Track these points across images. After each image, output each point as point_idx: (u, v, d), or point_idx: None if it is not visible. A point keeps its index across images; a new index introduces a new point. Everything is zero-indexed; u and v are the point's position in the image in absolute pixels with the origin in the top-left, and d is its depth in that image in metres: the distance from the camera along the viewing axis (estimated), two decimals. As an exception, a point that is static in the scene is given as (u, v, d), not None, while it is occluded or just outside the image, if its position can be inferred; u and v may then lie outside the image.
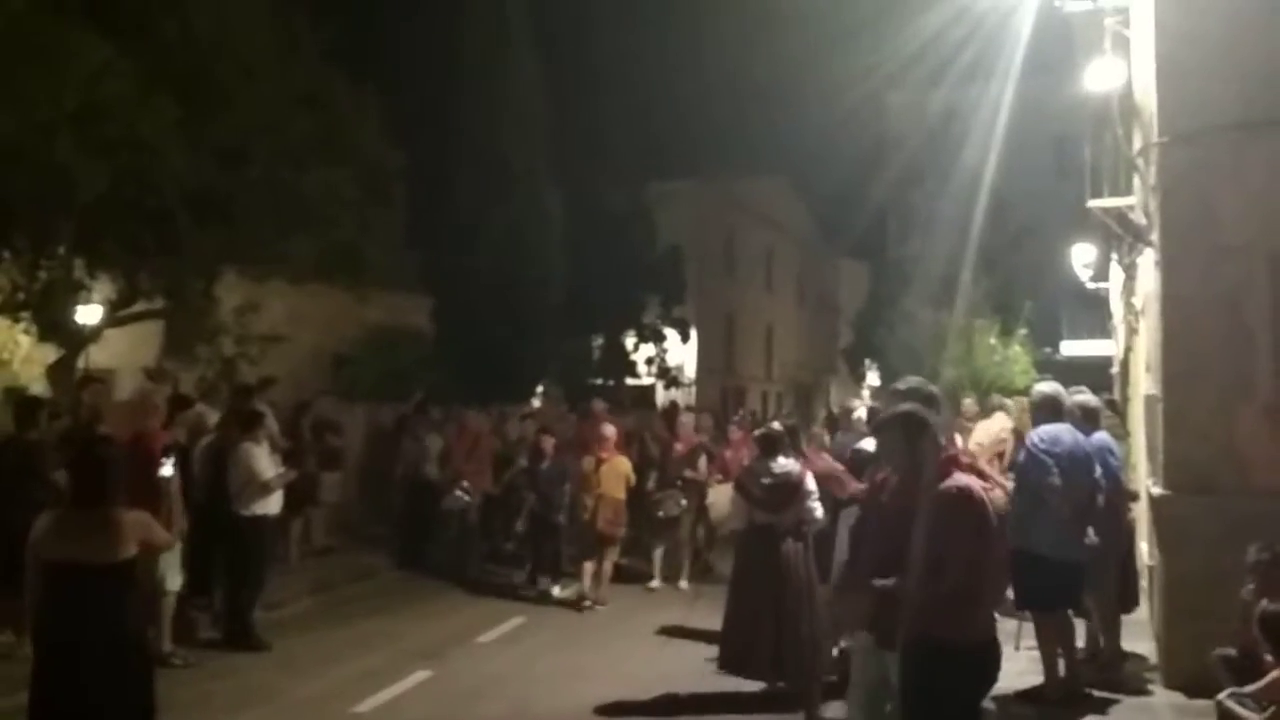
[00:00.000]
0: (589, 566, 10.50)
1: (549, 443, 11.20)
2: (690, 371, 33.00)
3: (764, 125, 40.83)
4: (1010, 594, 6.77)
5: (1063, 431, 6.87)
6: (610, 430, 10.85)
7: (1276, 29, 6.90)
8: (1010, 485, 6.98)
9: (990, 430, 9.84)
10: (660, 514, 11.45)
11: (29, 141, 10.40)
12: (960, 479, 4.28)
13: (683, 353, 31.54)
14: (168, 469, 5.46)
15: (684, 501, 11.39)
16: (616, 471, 10.58)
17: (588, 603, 10.38)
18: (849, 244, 41.94)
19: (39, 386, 13.04)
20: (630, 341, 28.82)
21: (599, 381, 26.49)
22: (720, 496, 9.90)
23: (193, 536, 7.89)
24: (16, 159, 10.59)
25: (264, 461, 8.63)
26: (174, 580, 7.92)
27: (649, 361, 29.61)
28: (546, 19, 23.57)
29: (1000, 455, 9.57)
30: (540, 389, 22.74)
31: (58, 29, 10.39)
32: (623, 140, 26.52)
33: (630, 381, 28.75)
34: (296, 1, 13.80)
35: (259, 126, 12.60)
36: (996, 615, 4.69)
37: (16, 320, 12.95)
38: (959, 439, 9.45)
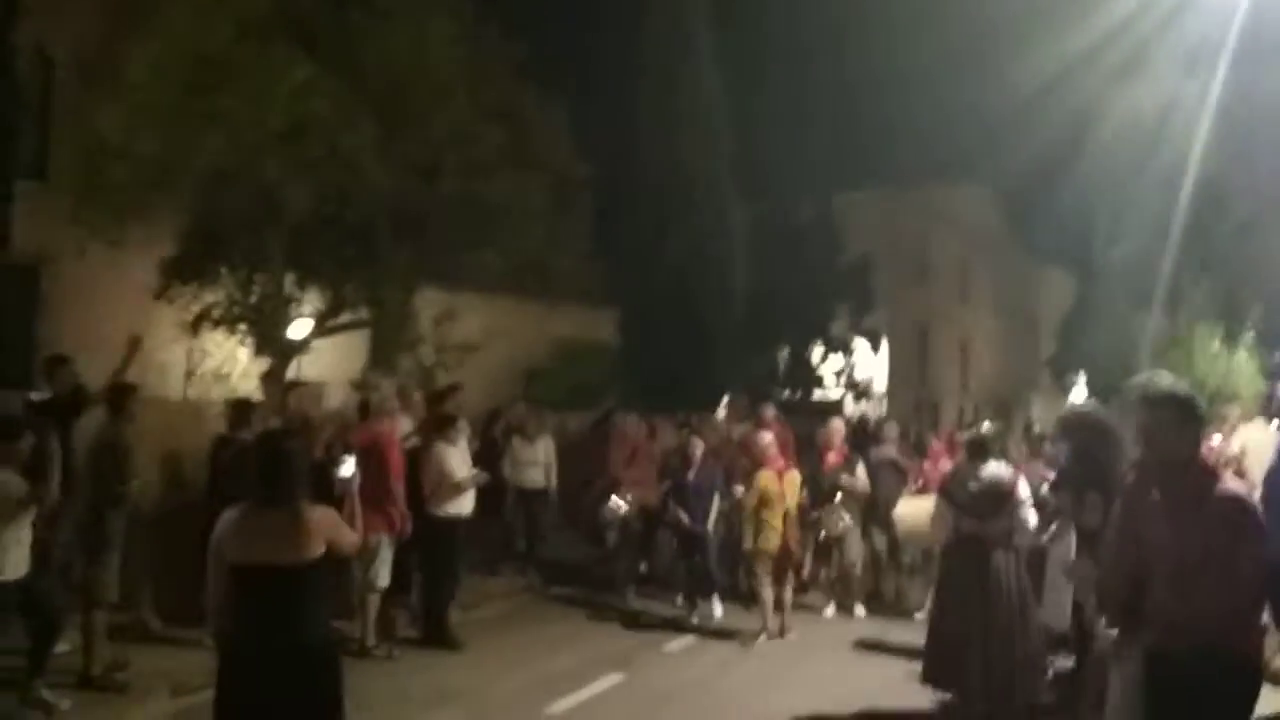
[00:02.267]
0: (767, 595, 9.17)
1: (697, 449, 10.14)
2: (881, 384, 32.09)
3: (958, 129, 39.44)
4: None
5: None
6: (768, 438, 9.54)
7: None
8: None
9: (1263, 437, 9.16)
10: (824, 533, 10.29)
11: (240, 162, 10.98)
12: (1232, 484, 3.86)
13: (874, 364, 30.70)
14: (348, 468, 5.32)
15: (848, 517, 10.15)
16: (794, 484, 9.38)
17: (765, 637, 9.12)
18: (1051, 251, 39.94)
19: (256, 397, 13.80)
20: (818, 353, 28.25)
21: (785, 393, 26.08)
22: (912, 510, 9.28)
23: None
24: (230, 179, 11.23)
25: (456, 462, 8.76)
26: (383, 577, 8.16)
27: (838, 374, 28.94)
28: (733, 29, 23.52)
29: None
30: (726, 399, 22.53)
31: (263, 52, 10.94)
32: (811, 149, 26.12)
33: (818, 394, 28.18)
34: (488, 19, 14.12)
35: (451, 141, 12.94)
36: None
37: (234, 333, 13.74)
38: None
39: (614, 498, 10.77)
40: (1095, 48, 20.14)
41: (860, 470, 10.44)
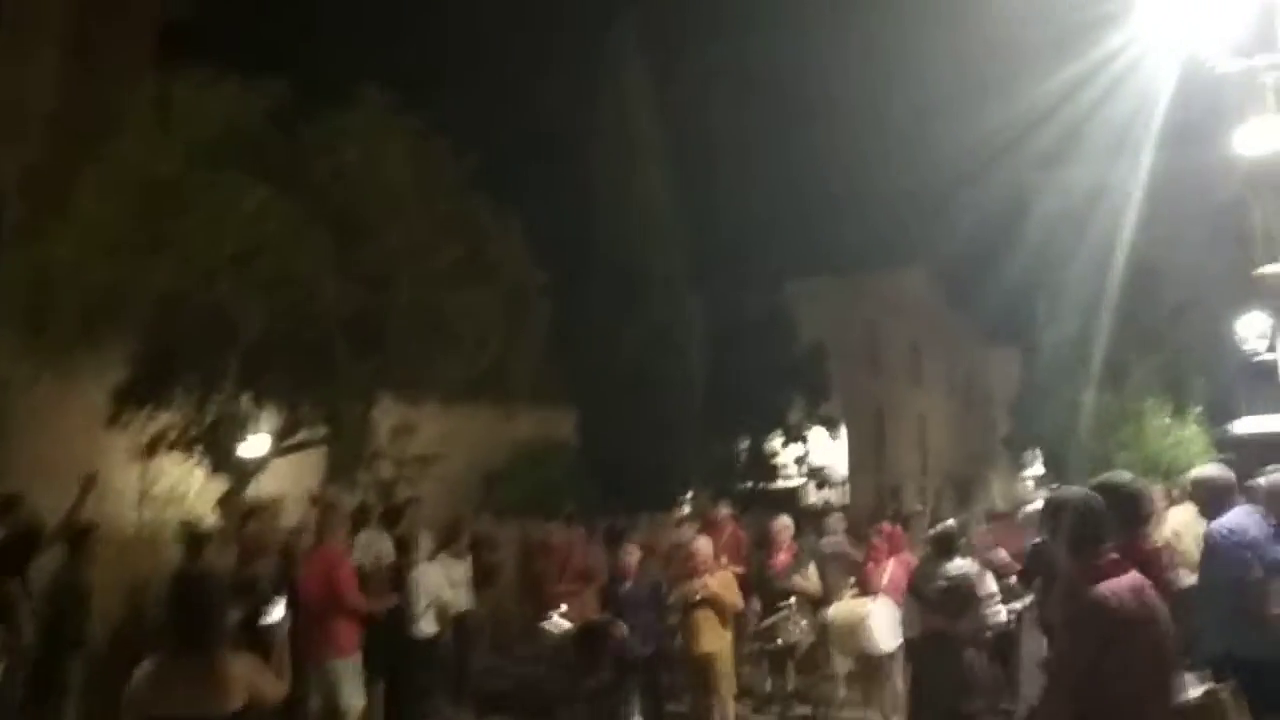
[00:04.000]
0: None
1: (633, 556, 9.12)
2: (841, 470, 32.27)
3: (901, 217, 40.51)
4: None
5: (1243, 518, 6.31)
6: (704, 546, 8.91)
7: None
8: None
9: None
10: (779, 641, 9.45)
11: (191, 285, 10.98)
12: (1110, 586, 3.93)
13: (833, 451, 30.90)
14: (278, 612, 4.95)
15: (804, 622, 9.38)
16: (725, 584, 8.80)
17: None
18: (997, 331, 40.77)
19: (212, 519, 13.58)
20: (777, 442, 28.41)
21: (748, 484, 26.12)
22: (843, 613, 8.83)
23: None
24: (182, 303, 11.22)
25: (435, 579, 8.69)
26: (357, 699, 7.92)
27: (797, 461, 29.09)
28: (677, 122, 24.06)
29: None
30: (688, 494, 22.52)
31: (215, 178, 11.03)
32: (759, 242, 26.64)
33: (780, 484, 28.27)
34: (439, 133, 14.36)
35: (406, 254, 13.04)
36: None
37: (190, 455, 13.55)
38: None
39: (553, 615, 9.80)
40: (1032, 130, 20.87)
41: (811, 570, 9.88)
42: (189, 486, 14.28)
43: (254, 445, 13.91)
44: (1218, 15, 8.40)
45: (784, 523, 10.24)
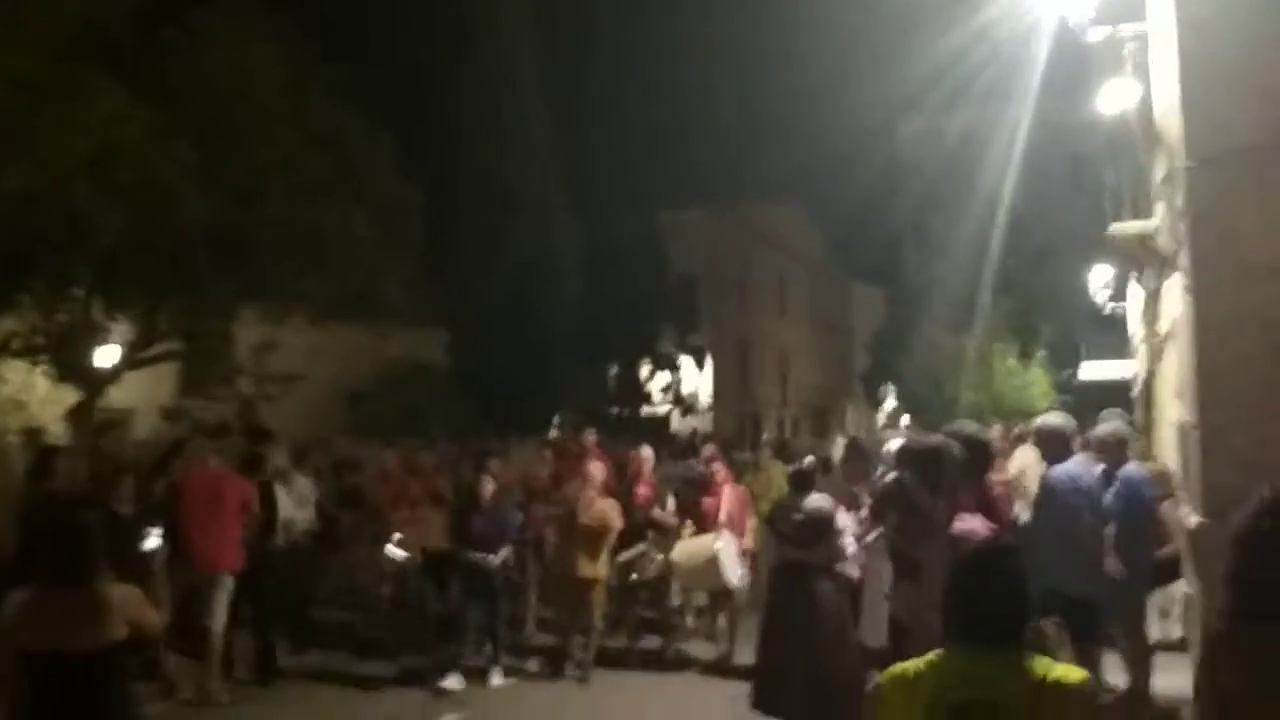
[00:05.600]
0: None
1: (488, 485, 8.72)
2: (706, 398, 32.91)
3: (777, 151, 40.81)
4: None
5: (1078, 467, 6.76)
6: (598, 470, 8.83)
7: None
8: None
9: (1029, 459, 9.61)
10: (634, 577, 9.28)
11: (44, 187, 10.43)
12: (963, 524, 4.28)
13: (698, 380, 31.46)
14: (153, 540, 4.76)
15: (660, 557, 9.08)
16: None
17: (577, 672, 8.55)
18: (864, 268, 41.92)
19: (58, 429, 13.08)
20: (645, 370, 28.78)
21: (615, 410, 26.44)
22: (687, 552, 8.69)
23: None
24: (32, 204, 10.65)
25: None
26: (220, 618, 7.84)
27: (665, 389, 29.55)
28: (556, 52, 23.72)
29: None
30: (556, 419, 22.70)
31: (70, 77, 10.44)
32: (634, 169, 26.60)
33: (646, 410, 28.69)
34: (306, 42, 13.83)
35: (273, 166, 12.63)
36: None
37: (35, 363, 12.99)
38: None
39: (388, 545, 9.34)
40: (918, 81, 21.27)
41: (670, 503, 9.57)
42: (31, 394, 13.71)
43: (105, 355, 13.43)
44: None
45: (645, 454, 9.87)
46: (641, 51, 27.59)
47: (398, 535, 9.27)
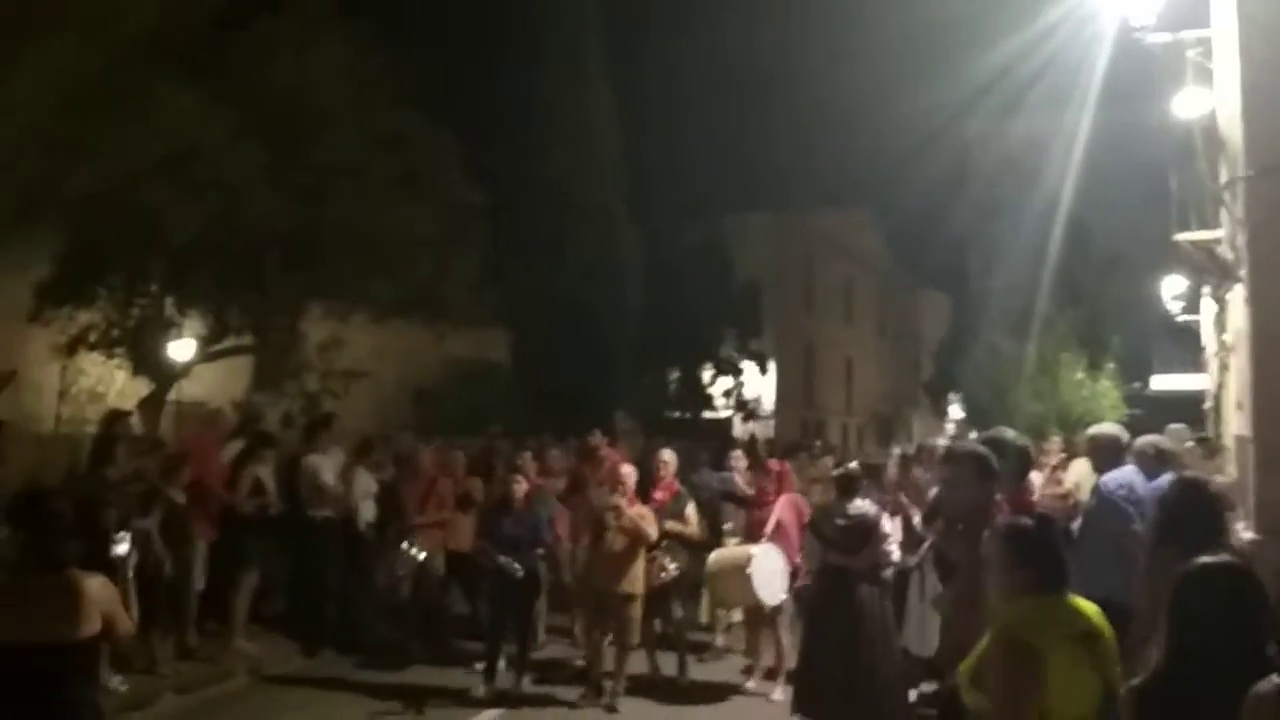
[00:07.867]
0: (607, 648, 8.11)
1: (520, 486, 8.34)
2: (768, 404, 32.80)
3: (843, 156, 40.52)
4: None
5: (1131, 475, 6.67)
6: (630, 471, 8.27)
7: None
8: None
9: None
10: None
11: (119, 187, 10.82)
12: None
13: (761, 385, 31.38)
14: (124, 545, 4.64)
15: (674, 566, 8.33)
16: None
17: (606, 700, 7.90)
18: (933, 274, 41.40)
19: (132, 420, 13.52)
20: (707, 374, 28.79)
21: (676, 414, 26.50)
22: (722, 560, 8.23)
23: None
24: (110, 203, 11.05)
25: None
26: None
27: (726, 394, 29.52)
28: (623, 57, 23.87)
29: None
30: (617, 419, 22.79)
31: (147, 79, 10.81)
32: (700, 174, 26.64)
33: (708, 414, 28.70)
34: (375, 47, 14.14)
35: (340, 167, 12.94)
36: None
37: (111, 356, 13.46)
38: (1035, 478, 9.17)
39: (403, 544, 9.00)
40: (980, 88, 21.06)
41: (690, 510, 8.65)
42: (109, 387, 14.19)
43: (179, 350, 13.85)
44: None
45: (665, 457, 8.97)
46: (706, 56, 27.68)
47: (404, 544, 8.96)
